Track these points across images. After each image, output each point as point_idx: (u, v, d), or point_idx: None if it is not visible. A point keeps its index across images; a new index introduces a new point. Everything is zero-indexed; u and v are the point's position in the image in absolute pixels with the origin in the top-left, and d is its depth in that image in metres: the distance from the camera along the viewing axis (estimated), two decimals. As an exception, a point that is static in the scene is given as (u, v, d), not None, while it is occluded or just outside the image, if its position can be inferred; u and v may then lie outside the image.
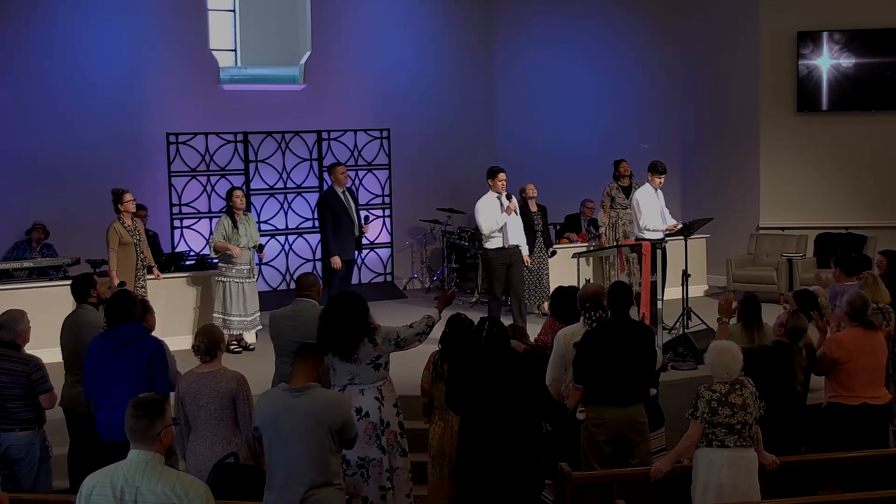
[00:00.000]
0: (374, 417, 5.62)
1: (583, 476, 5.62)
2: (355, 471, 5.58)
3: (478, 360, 5.30)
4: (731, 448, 5.43)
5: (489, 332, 5.35)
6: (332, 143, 12.60)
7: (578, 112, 13.93)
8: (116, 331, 5.96)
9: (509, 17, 14.07)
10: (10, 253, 11.16)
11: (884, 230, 12.30)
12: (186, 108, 12.26)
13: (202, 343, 5.64)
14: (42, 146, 11.68)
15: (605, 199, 11.40)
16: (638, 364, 5.97)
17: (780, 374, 6.12)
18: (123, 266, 9.13)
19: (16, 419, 5.96)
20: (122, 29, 12.09)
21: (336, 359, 5.63)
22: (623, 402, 5.92)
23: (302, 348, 5.03)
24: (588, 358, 5.95)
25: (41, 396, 6.00)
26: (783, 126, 12.96)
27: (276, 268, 12.36)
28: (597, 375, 5.92)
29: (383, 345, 5.68)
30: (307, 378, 4.88)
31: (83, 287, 6.82)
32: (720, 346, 5.63)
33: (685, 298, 9.62)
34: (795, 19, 12.74)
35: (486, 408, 5.16)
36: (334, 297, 5.82)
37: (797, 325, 6.21)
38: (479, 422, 5.17)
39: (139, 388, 5.71)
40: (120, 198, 9.23)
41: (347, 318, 5.60)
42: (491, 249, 9.75)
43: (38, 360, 6.06)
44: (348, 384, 5.65)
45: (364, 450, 5.58)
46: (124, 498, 3.77)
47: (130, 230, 9.22)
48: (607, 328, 6.07)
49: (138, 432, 3.84)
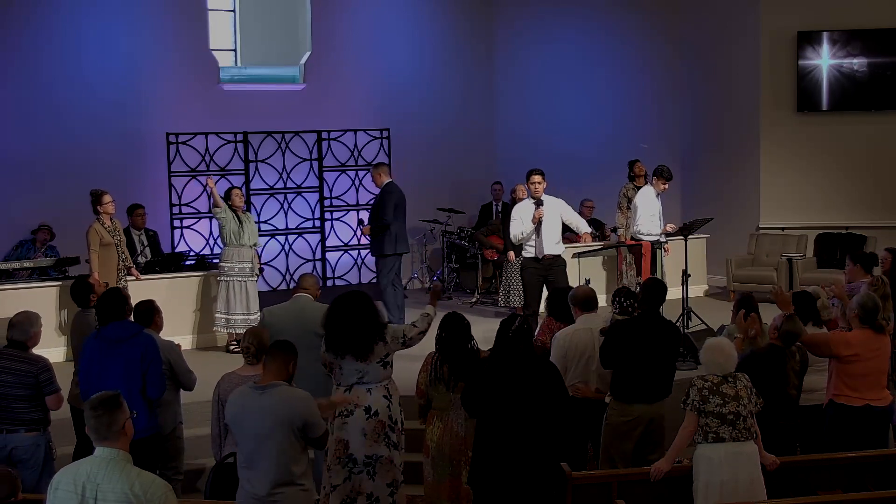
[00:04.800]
0: (384, 416, 5.61)
1: (583, 476, 5.62)
2: (361, 469, 5.56)
3: (502, 358, 5.26)
4: (729, 442, 5.43)
5: (518, 328, 5.28)
6: (332, 143, 12.59)
7: (578, 112, 13.93)
8: (108, 329, 5.96)
9: (509, 17, 14.07)
10: (14, 251, 11.15)
11: (884, 230, 12.29)
12: (186, 108, 12.26)
13: (252, 345, 5.65)
14: (42, 146, 11.67)
15: (621, 200, 11.40)
16: (666, 360, 6.11)
17: (773, 377, 6.12)
18: (105, 267, 9.13)
19: (21, 420, 5.95)
20: (123, 29, 12.09)
21: (346, 359, 5.61)
22: (652, 398, 6.04)
23: (274, 346, 5.01)
24: (617, 348, 6.00)
25: (48, 398, 6.00)
26: (783, 126, 12.96)
27: (275, 268, 12.35)
28: (626, 371, 5.99)
29: (392, 343, 5.69)
30: (275, 376, 4.85)
31: (82, 292, 6.89)
32: (713, 344, 5.67)
33: (685, 298, 9.61)
34: (795, 19, 12.74)
35: (506, 408, 5.12)
36: (343, 296, 5.76)
37: (791, 330, 6.21)
38: (497, 422, 5.13)
39: (134, 386, 5.73)
40: (99, 199, 9.22)
41: (363, 319, 5.58)
42: (525, 258, 9.24)
43: (46, 361, 6.06)
44: (356, 383, 5.63)
45: (372, 448, 5.56)
46: (85, 494, 3.80)
47: (111, 231, 9.22)
48: (638, 323, 6.13)
49: (102, 431, 3.86)
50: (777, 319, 6.29)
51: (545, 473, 5.15)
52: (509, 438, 5.10)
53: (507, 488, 5.09)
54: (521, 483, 5.08)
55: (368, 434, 5.54)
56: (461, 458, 5.68)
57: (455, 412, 5.69)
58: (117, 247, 9.25)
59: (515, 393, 5.12)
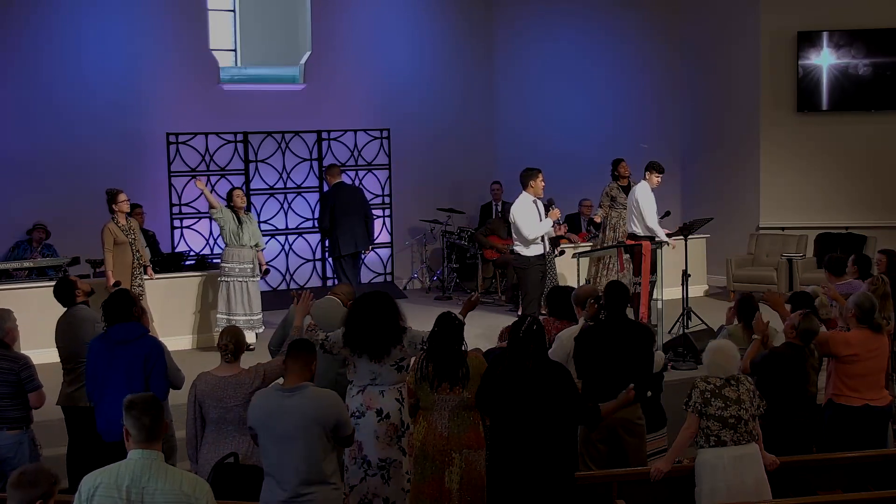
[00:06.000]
0: (396, 419, 5.56)
1: (583, 476, 5.62)
2: (376, 472, 5.53)
3: (513, 359, 5.24)
4: (730, 446, 5.42)
5: (528, 329, 5.21)
6: (332, 143, 12.60)
7: (578, 112, 13.93)
8: (114, 331, 5.96)
9: (509, 17, 14.07)
10: (11, 252, 11.16)
11: (884, 230, 12.30)
12: (186, 108, 12.26)
13: (230, 343, 5.64)
14: (42, 146, 11.68)
15: (603, 199, 11.39)
16: (633, 363, 5.95)
17: (793, 375, 6.11)
18: (119, 266, 9.13)
19: (3, 418, 5.92)
20: (123, 29, 12.09)
21: (362, 358, 5.59)
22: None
23: (294, 346, 4.99)
24: (584, 355, 5.97)
25: (30, 395, 5.96)
26: (783, 126, 12.96)
27: (276, 268, 12.35)
28: (591, 374, 5.93)
29: (409, 348, 5.64)
30: (300, 377, 4.85)
31: (67, 291, 6.77)
32: (716, 346, 5.66)
33: (685, 298, 9.62)
34: (795, 19, 12.74)
35: (517, 409, 5.08)
36: (366, 296, 5.74)
37: (809, 327, 6.18)
38: (509, 423, 5.10)
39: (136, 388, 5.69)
40: (114, 198, 9.23)
41: (383, 320, 5.55)
42: (532, 257, 9.34)
43: (26, 359, 6.03)
44: (369, 384, 5.60)
45: (385, 451, 5.53)
46: (131, 498, 3.76)
47: (125, 230, 9.22)
48: (602, 327, 6.08)
49: (144, 433, 3.84)
50: (794, 318, 6.27)
51: (558, 475, 5.11)
52: (521, 439, 5.07)
53: (521, 490, 5.07)
54: (534, 485, 5.06)
55: (381, 437, 5.51)
56: (444, 458, 5.64)
57: (439, 412, 5.63)
58: (132, 245, 9.25)
59: (527, 394, 5.09)
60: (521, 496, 5.06)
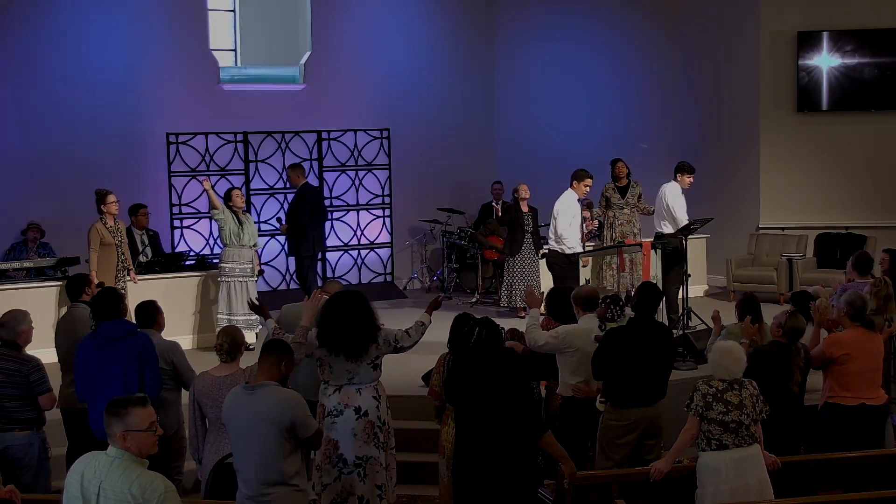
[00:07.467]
0: (373, 416, 5.63)
1: (583, 476, 5.61)
2: (352, 469, 5.57)
3: (470, 362, 5.28)
4: (732, 449, 5.41)
5: (478, 337, 5.30)
6: (332, 143, 12.60)
7: (578, 112, 13.93)
8: (103, 329, 5.96)
9: (509, 17, 14.07)
10: (8, 254, 11.14)
11: (884, 230, 12.29)
12: (186, 108, 12.26)
13: (226, 343, 5.64)
14: (42, 146, 11.67)
15: (601, 200, 11.40)
16: (661, 364, 6.07)
17: (779, 374, 6.12)
18: (104, 267, 9.13)
19: (14, 419, 5.95)
20: (123, 29, 12.09)
21: (339, 358, 5.62)
22: (648, 401, 6.01)
23: (267, 345, 5.00)
24: (611, 356, 5.97)
25: (40, 397, 5.99)
26: (783, 126, 12.96)
27: (276, 268, 12.35)
28: (622, 376, 5.95)
29: (383, 346, 5.72)
30: (266, 375, 4.85)
31: (78, 285, 6.88)
32: (722, 347, 5.62)
33: (685, 298, 9.63)
34: (795, 19, 12.74)
35: (480, 407, 5.14)
36: (339, 295, 5.79)
37: (795, 326, 6.20)
38: (473, 420, 5.17)
39: (131, 385, 5.73)
40: (103, 198, 9.24)
41: (360, 319, 5.59)
42: (568, 255, 10.03)
43: (37, 361, 6.05)
44: (346, 383, 5.64)
45: (363, 448, 5.58)
46: (89, 489, 3.85)
47: (112, 231, 9.22)
48: (633, 328, 6.09)
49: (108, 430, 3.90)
50: (780, 317, 6.28)
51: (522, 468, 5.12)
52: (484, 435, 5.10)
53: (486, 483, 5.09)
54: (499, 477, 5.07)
55: (359, 434, 5.56)
56: None
57: None
58: (118, 247, 9.24)
59: (488, 393, 5.13)
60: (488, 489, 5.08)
